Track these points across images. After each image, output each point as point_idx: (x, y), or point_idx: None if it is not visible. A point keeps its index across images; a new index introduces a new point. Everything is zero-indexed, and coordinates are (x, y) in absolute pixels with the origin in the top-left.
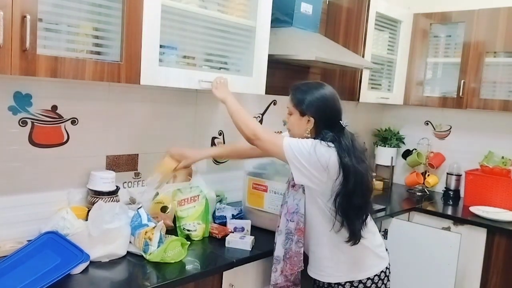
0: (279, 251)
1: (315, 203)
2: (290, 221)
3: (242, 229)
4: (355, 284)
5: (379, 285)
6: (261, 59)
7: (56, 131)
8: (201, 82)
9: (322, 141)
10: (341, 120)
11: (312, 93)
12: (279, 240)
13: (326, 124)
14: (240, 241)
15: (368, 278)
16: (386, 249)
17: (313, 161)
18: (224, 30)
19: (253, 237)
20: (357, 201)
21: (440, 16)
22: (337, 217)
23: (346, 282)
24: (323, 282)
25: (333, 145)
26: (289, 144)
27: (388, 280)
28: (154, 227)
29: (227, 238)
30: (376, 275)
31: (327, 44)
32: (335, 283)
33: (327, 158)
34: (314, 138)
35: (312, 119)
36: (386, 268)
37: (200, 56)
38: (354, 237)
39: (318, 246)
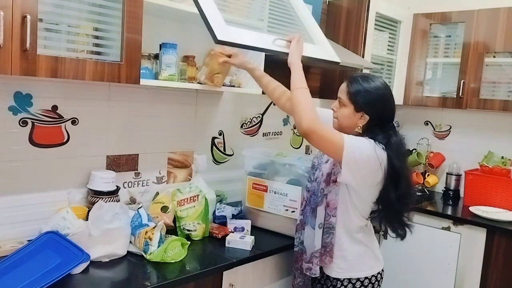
0: (318, 244)
1: (348, 199)
2: (332, 216)
3: (242, 229)
4: (353, 282)
5: (375, 286)
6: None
7: (56, 131)
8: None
9: (377, 143)
10: (393, 121)
11: (371, 91)
12: (318, 233)
13: (379, 123)
14: (240, 241)
15: (366, 278)
16: None
17: (371, 164)
18: None
19: (253, 237)
20: (408, 200)
21: (440, 16)
22: (380, 215)
23: (344, 279)
24: (323, 273)
25: (384, 148)
26: (351, 146)
27: (382, 282)
28: (154, 227)
29: (227, 238)
30: (373, 275)
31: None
32: (333, 278)
33: (383, 161)
34: (363, 135)
35: (367, 116)
36: (382, 270)
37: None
38: (407, 230)
39: (334, 240)
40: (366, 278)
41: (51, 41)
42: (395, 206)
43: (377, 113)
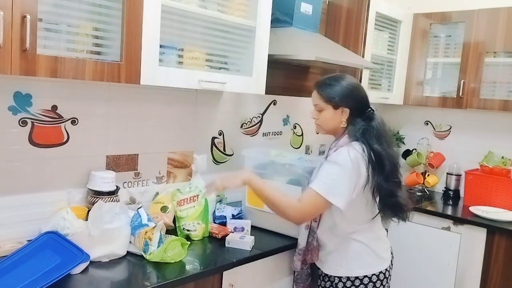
0: (302, 242)
1: (333, 210)
2: (314, 221)
3: (242, 229)
4: (352, 279)
5: (377, 285)
6: (261, 59)
7: (56, 131)
8: (201, 82)
9: (349, 149)
10: (370, 105)
11: (341, 85)
12: (304, 233)
13: (359, 111)
14: (240, 241)
15: (365, 276)
16: (392, 254)
17: (353, 180)
18: (224, 30)
19: (253, 237)
20: (396, 179)
21: (440, 16)
22: (376, 204)
23: (342, 277)
24: (325, 273)
25: (359, 146)
26: (328, 189)
27: (388, 282)
28: (154, 227)
29: (227, 238)
30: (374, 274)
31: (327, 44)
32: (332, 275)
33: (359, 162)
34: (347, 127)
35: (346, 109)
36: (386, 270)
37: (200, 56)
38: (403, 211)
39: (323, 237)
40: (365, 276)
41: (50, 41)
42: (385, 187)
43: (354, 103)
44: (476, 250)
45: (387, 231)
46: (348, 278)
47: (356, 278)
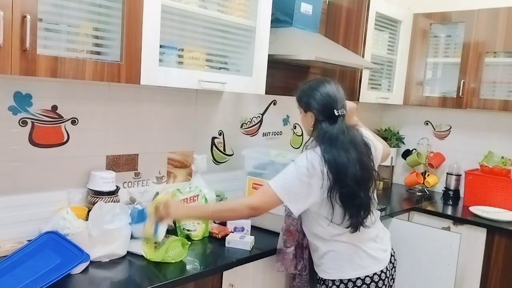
0: (279, 245)
1: (310, 216)
2: (284, 222)
3: (242, 229)
4: (345, 282)
5: (371, 286)
6: (261, 59)
7: (56, 131)
8: (201, 82)
9: (308, 151)
10: (336, 110)
11: (307, 90)
12: (280, 236)
13: (324, 116)
14: (240, 241)
15: (358, 278)
16: (393, 255)
17: (305, 180)
18: (224, 30)
19: (253, 237)
20: (346, 189)
21: (440, 16)
22: (335, 209)
23: (336, 280)
24: (320, 277)
25: (318, 150)
26: (278, 184)
27: (384, 285)
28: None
29: (227, 238)
30: (368, 276)
31: (327, 44)
32: (327, 279)
33: (311, 168)
34: (312, 133)
35: (312, 114)
36: (382, 271)
37: (200, 56)
38: (352, 224)
39: (314, 241)
40: (358, 278)
41: (51, 41)
42: (337, 194)
43: (316, 108)
44: (476, 250)
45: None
46: (341, 281)
47: (349, 280)
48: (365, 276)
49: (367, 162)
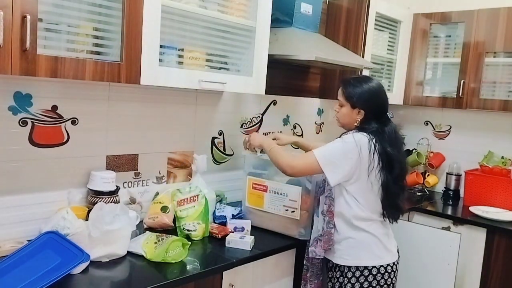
0: (321, 229)
1: (344, 192)
2: (331, 205)
3: (242, 229)
4: (361, 269)
5: (385, 277)
6: (261, 59)
7: (56, 131)
8: (201, 82)
9: (355, 133)
10: (387, 112)
11: (362, 87)
12: (321, 220)
13: (374, 115)
14: (240, 241)
15: (374, 267)
16: (398, 252)
17: (349, 155)
18: (224, 30)
19: (253, 237)
20: (401, 183)
21: (440, 16)
22: (381, 200)
23: (352, 266)
24: (334, 264)
25: (367, 135)
26: (322, 154)
27: (395, 276)
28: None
29: (227, 238)
30: (382, 266)
31: (327, 44)
32: (342, 265)
33: (362, 146)
34: (359, 128)
35: (362, 111)
36: (394, 264)
37: (200, 56)
38: (399, 214)
39: (339, 224)
40: (374, 267)
41: (51, 41)
42: (391, 188)
43: (370, 107)
44: (476, 250)
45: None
46: (357, 268)
47: (365, 268)
48: (380, 266)
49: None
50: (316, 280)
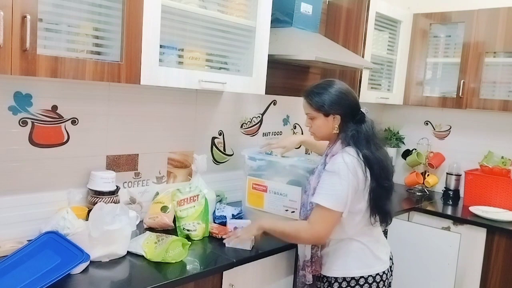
0: (308, 254)
1: None
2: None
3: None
4: (348, 280)
5: (373, 287)
6: (261, 59)
7: (56, 131)
8: (201, 82)
9: (343, 154)
10: (360, 109)
11: (328, 92)
12: (308, 245)
13: (350, 116)
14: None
15: (362, 277)
16: (391, 258)
17: (352, 188)
18: (224, 30)
19: (253, 237)
20: (385, 183)
21: (440, 16)
22: (371, 205)
23: (339, 277)
24: (323, 275)
25: (353, 150)
26: (329, 202)
27: (384, 285)
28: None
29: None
30: (371, 275)
31: (327, 44)
32: (330, 276)
33: (353, 172)
34: (340, 133)
35: (338, 116)
36: (384, 272)
37: (200, 56)
38: (388, 218)
39: (319, 249)
40: (361, 277)
41: (51, 41)
42: (375, 191)
43: (344, 109)
44: (476, 250)
45: (386, 232)
46: (344, 279)
47: (352, 278)
48: (368, 276)
49: (388, 156)
50: None
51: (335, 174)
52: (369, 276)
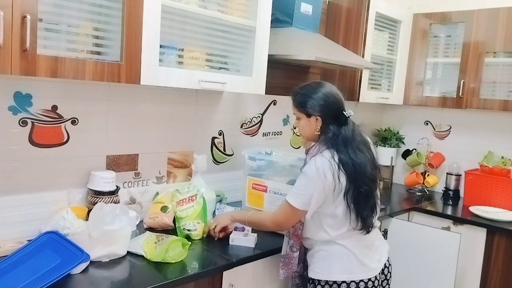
0: (283, 250)
1: (315, 217)
2: (299, 228)
3: (243, 229)
4: (330, 283)
5: None
6: (261, 59)
7: (56, 131)
8: (201, 82)
9: (317, 157)
10: (344, 111)
11: (310, 94)
12: (285, 241)
13: (331, 118)
14: (244, 238)
15: (344, 282)
16: (387, 267)
17: (315, 186)
18: (224, 30)
19: (256, 234)
20: (361, 187)
21: (440, 16)
22: (350, 209)
23: (322, 280)
24: (309, 276)
25: (328, 153)
26: (296, 198)
27: None
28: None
29: (231, 236)
30: (353, 281)
31: (327, 44)
32: (315, 279)
33: (322, 175)
34: (320, 135)
35: (319, 117)
36: (369, 280)
37: (200, 56)
38: (365, 225)
39: (310, 241)
40: (343, 282)
41: (51, 41)
42: (353, 197)
43: (325, 111)
44: (476, 250)
45: (386, 232)
46: (326, 282)
47: (334, 282)
48: (351, 281)
49: (377, 161)
50: None
51: (305, 176)
52: (351, 281)
